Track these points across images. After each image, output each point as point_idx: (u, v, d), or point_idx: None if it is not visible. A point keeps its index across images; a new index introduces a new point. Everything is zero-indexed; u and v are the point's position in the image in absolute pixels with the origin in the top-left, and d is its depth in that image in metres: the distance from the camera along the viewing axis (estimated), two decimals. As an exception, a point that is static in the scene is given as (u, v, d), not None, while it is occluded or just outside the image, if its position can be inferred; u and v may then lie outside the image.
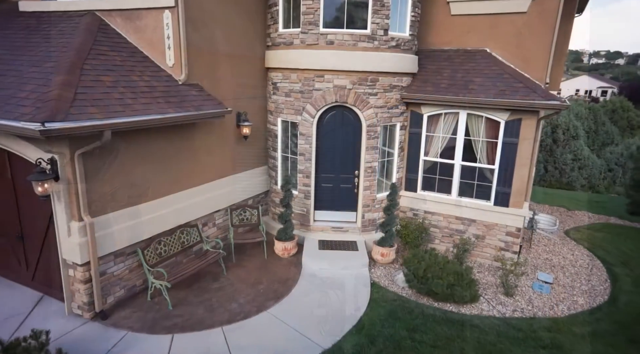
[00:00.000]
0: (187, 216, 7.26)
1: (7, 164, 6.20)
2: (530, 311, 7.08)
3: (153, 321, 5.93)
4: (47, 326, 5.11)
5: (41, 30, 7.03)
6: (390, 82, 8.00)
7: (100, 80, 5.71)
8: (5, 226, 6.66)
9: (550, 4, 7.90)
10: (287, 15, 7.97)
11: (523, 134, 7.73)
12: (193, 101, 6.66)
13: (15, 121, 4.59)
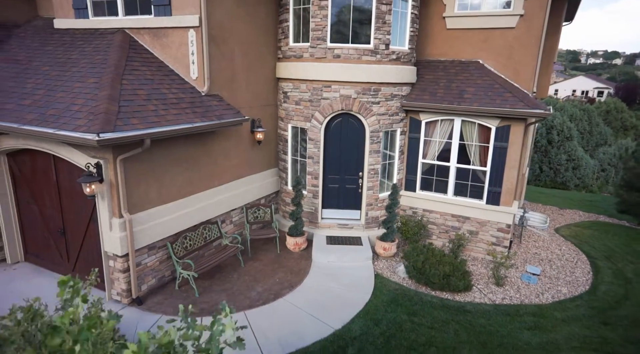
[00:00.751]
0: (209, 214, 8.03)
1: (53, 167, 6.97)
2: (518, 298, 7.87)
3: (190, 301, 6.71)
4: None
5: (77, 47, 7.80)
6: (392, 91, 8.79)
7: (137, 94, 6.49)
8: (49, 223, 7.43)
9: (536, 21, 8.70)
10: (297, 31, 8.75)
11: (512, 139, 8.52)
12: (215, 110, 7.44)
13: (74, 132, 5.36)
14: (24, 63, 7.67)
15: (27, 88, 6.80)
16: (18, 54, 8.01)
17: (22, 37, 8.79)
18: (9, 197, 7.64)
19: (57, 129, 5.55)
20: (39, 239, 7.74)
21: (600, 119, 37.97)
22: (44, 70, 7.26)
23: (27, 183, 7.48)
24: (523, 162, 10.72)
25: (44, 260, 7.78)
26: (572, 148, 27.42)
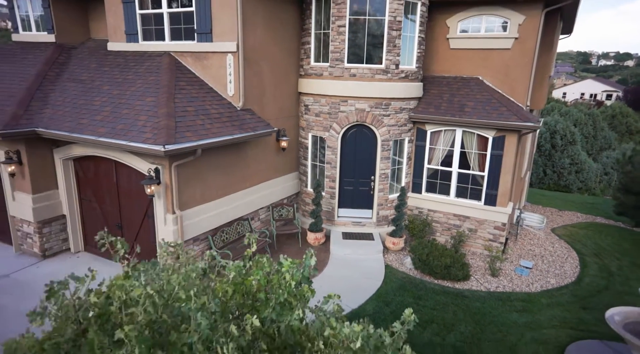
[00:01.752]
0: (241, 212, 9.29)
1: (114, 171, 8.29)
2: (510, 287, 9.01)
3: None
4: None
5: (131, 68, 9.12)
6: (401, 105, 9.99)
7: (187, 110, 7.77)
8: (108, 218, 8.75)
9: (529, 44, 9.84)
10: (318, 52, 10.00)
11: (507, 148, 9.67)
12: (249, 123, 8.70)
13: (143, 143, 6.64)
14: (87, 83, 9.00)
15: (96, 105, 8.12)
16: (81, 75, 9.35)
17: (80, 58, 10.15)
18: (74, 196, 8.98)
19: (128, 141, 6.84)
20: (98, 232, 9.04)
21: (605, 123, 38.72)
22: (106, 89, 8.58)
23: (90, 184, 8.81)
24: (520, 168, 11.84)
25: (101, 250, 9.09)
26: (575, 152, 28.25)
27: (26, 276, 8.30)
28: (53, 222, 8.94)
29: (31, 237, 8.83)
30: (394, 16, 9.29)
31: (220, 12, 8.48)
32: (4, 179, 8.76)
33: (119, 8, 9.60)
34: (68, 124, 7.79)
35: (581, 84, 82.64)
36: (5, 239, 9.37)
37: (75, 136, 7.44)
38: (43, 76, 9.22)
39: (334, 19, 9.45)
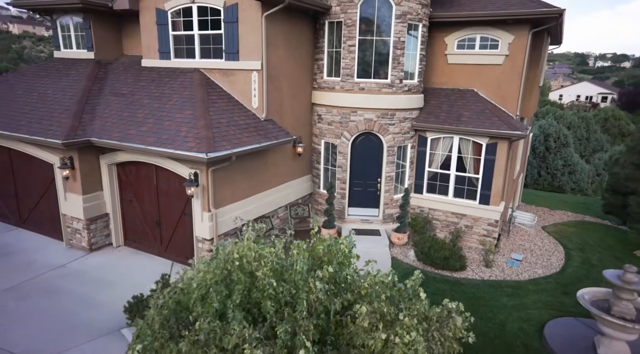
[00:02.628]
0: (263, 210, 10.48)
1: (154, 175, 9.48)
2: (501, 276, 10.22)
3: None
4: (196, 275, 8.35)
5: (165, 83, 10.32)
6: (404, 115, 11.21)
7: (220, 122, 8.97)
8: (147, 216, 9.94)
9: (518, 60, 11.07)
10: (330, 68, 11.21)
11: (499, 153, 10.88)
12: (272, 132, 9.90)
13: (189, 151, 7.84)
14: (128, 96, 10.20)
15: (139, 117, 9.32)
16: (121, 89, 10.55)
17: (117, 73, 11.35)
18: (116, 197, 10.17)
19: (175, 149, 8.05)
20: (137, 229, 10.25)
21: (598, 126, 40.00)
22: (146, 102, 9.78)
23: (131, 186, 10.00)
24: (512, 170, 13.05)
25: (140, 244, 10.29)
26: (568, 154, 29.43)
27: (79, 266, 9.49)
28: (98, 219, 10.13)
29: (80, 233, 10.01)
30: (398, 37, 10.51)
31: (246, 35, 9.69)
32: (57, 182, 9.95)
33: (153, 29, 10.81)
34: (117, 134, 8.99)
35: (577, 86, 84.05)
36: (56, 235, 10.55)
37: (126, 144, 8.64)
38: (88, 91, 10.41)
39: (344, 39, 10.67)
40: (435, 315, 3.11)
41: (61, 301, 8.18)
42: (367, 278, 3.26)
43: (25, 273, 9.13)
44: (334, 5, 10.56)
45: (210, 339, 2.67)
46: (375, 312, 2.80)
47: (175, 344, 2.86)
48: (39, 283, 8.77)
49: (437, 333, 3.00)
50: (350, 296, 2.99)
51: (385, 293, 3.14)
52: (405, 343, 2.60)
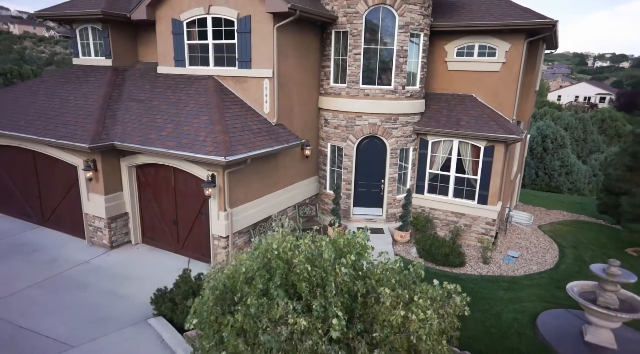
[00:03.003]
0: (273, 210, 11.09)
1: (172, 176, 10.09)
2: (498, 272, 10.84)
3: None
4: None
5: (181, 90, 10.93)
6: (406, 119, 11.83)
7: (235, 127, 9.58)
8: (164, 215, 10.55)
9: (514, 67, 11.69)
10: (336, 75, 11.83)
11: (496, 156, 11.50)
12: (282, 136, 10.52)
13: (208, 155, 8.45)
14: (146, 102, 10.81)
15: (159, 122, 9.93)
16: (139, 95, 11.15)
17: (134, 80, 11.96)
18: (135, 197, 10.78)
19: (194, 152, 8.66)
20: (155, 227, 10.86)
21: (595, 127, 40.61)
22: (164, 108, 10.39)
23: (149, 187, 10.61)
24: (509, 171, 13.66)
25: (157, 241, 10.90)
26: (565, 155, 30.03)
27: (101, 262, 10.10)
28: (118, 218, 10.74)
29: (101, 231, 10.62)
30: (401, 46, 11.13)
31: (258, 45, 10.31)
32: (81, 183, 10.55)
33: (169, 39, 11.42)
34: (139, 138, 9.60)
35: (576, 87, 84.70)
36: (77, 233, 11.16)
37: (148, 148, 9.25)
38: (109, 97, 11.02)
39: (350, 48, 11.29)
40: (438, 296, 3.72)
41: (88, 294, 8.79)
42: (380, 266, 3.87)
43: (52, 268, 9.74)
44: (341, 16, 11.17)
45: (259, 312, 3.27)
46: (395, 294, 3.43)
47: (231, 316, 3.46)
48: (66, 278, 9.38)
49: (442, 310, 3.62)
50: (371, 281, 3.61)
51: (395, 278, 3.76)
52: (421, 319, 3.23)
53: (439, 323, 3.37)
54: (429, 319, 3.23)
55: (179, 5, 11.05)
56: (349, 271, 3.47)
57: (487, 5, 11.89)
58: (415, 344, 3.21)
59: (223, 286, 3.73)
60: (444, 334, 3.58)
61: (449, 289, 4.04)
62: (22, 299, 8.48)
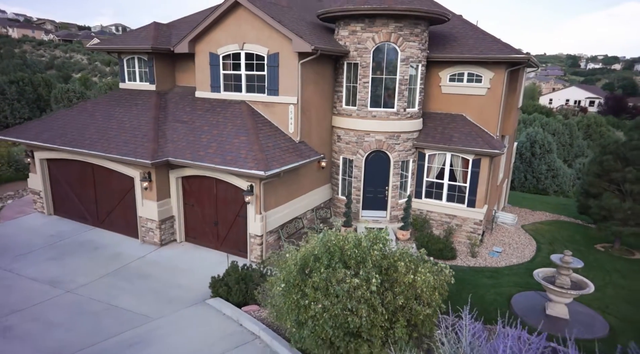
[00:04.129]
0: (296, 213, 13.22)
1: (214, 186, 12.21)
2: (484, 264, 13.04)
3: (291, 265, 11.87)
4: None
5: (219, 113, 13.05)
6: (407, 136, 14.02)
7: (268, 145, 11.72)
8: (206, 218, 12.67)
9: (498, 92, 13.90)
10: (348, 98, 13.99)
11: (482, 167, 13.70)
12: (305, 152, 12.67)
13: (251, 170, 10.58)
14: (189, 123, 12.93)
15: (204, 141, 12.05)
16: (182, 117, 13.27)
17: (175, 102, 14.08)
18: (180, 203, 12.89)
19: (239, 167, 10.79)
20: (197, 228, 12.97)
21: (581, 132, 43.02)
22: (206, 129, 12.51)
23: (193, 194, 12.72)
24: (495, 179, 15.87)
25: (199, 240, 13.01)
26: (552, 159, 32.28)
27: (154, 257, 12.21)
28: (167, 221, 12.85)
29: (152, 231, 12.72)
30: (402, 75, 13.32)
31: (285, 76, 12.46)
32: (136, 191, 12.65)
33: (206, 69, 13.55)
34: (189, 155, 11.72)
35: (566, 91, 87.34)
36: (129, 233, 13.25)
37: (199, 163, 11.38)
38: (157, 118, 13.14)
39: (360, 76, 13.46)
40: (434, 269, 5.87)
41: (151, 282, 10.90)
42: (397, 251, 6.02)
43: (116, 262, 11.84)
44: (352, 51, 13.35)
45: (329, 276, 5.38)
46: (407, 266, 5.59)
47: (310, 279, 5.57)
48: (130, 270, 11.49)
49: (435, 277, 5.76)
50: (391, 259, 5.75)
51: (407, 258, 5.89)
52: (422, 280, 5.39)
53: (434, 282, 5.52)
54: (427, 279, 5.37)
55: (217, 41, 13.19)
56: (379, 253, 5.58)
57: (474, 40, 14.10)
58: (420, 294, 5.34)
59: (301, 262, 5.83)
60: (436, 290, 5.72)
61: (441, 265, 6.19)
62: (102, 284, 10.59)
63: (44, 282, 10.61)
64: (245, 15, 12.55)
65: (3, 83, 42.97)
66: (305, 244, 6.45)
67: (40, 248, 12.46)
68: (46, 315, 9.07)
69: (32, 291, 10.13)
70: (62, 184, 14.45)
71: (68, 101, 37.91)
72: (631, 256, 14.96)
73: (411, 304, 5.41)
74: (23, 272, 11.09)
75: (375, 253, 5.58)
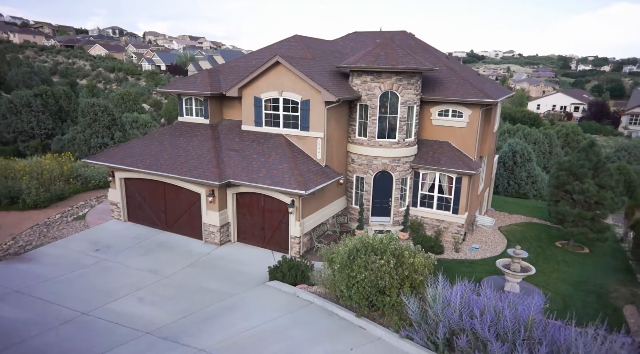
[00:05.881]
0: (322, 219, 17.34)
1: (262, 200, 16.33)
2: (464, 257, 17.25)
3: (318, 258, 15.99)
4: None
5: (262, 143, 17.17)
6: (406, 159, 18.21)
7: (304, 170, 15.83)
8: (255, 223, 16.78)
9: (475, 125, 18.11)
10: (360, 131, 18.15)
11: (463, 183, 17.91)
12: (330, 173, 16.81)
13: (295, 190, 14.69)
14: (240, 152, 17.02)
15: (255, 167, 16.15)
16: (234, 146, 17.37)
17: (225, 134, 18.17)
18: (234, 212, 16.98)
19: (286, 188, 14.90)
20: (247, 231, 17.06)
21: (560, 140, 47.49)
22: (255, 157, 16.61)
23: (245, 206, 16.82)
24: (475, 191, 20.08)
25: (248, 241, 17.11)
26: (531, 167, 36.54)
27: (217, 253, 16.30)
28: (224, 226, 16.93)
29: (214, 234, 16.80)
30: (402, 114, 17.51)
31: (314, 117, 16.60)
32: (202, 203, 16.71)
33: (251, 108, 17.67)
34: (246, 177, 15.81)
35: (553, 97, 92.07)
36: (194, 235, 17.31)
37: (255, 184, 15.46)
38: (215, 148, 17.23)
39: (369, 114, 17.63)
40: (425, 256, 10.04)
41: (221, 271, 14.97)
42: (404, 246, 10.18)
43: (191, 257, 15.91)
44: (363, 95, 17.52)
45: (366, 260, 9.46)
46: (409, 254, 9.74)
47: (354, 261, 9.68)
48: (202, 262, 15.56)
49: (426, 260, 9.93)
50: (400, 250, 9.89)
51: (409, 250, 10.04)
52: (418, 261, 9.53)
53: (425, 263, 9.70)
54: (421, 261, 9.52)
55: (260, 88, 17.30)
56: (393, 247, 9.69)
57: (456, 85, 18.31)
58: (417, 269, 9.47)
59: (349, 251, 9.91)
60: (426, 267, 9.89)
61: (430, 254, 10.36)
62: (187, 273, 14.66)
63: (145, 270, 14.67)
64: (284, 70, 16.67)
65: (29, 96, 46.59)
66: (347, 242, 10.60)
67: (130, 247, 16.52)
68: (161, 292, 13.16)
69: (141, 276, 14.19)
70: (136, 197, 18.50)
71: (94, 114, 41.51)
72: (580, 251, 19.25)
73: (412, 275, 9.52)
74: (127, 263, 15.14)
75: (391, 247, 9.66)
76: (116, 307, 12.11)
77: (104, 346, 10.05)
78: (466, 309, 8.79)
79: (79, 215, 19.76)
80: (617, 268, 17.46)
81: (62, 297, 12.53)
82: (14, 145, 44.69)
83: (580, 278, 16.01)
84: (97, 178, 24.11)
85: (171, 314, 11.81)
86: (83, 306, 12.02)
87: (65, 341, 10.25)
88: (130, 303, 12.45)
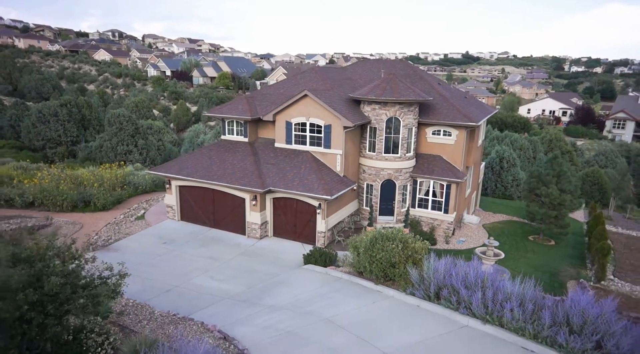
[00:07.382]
0: (340, 218, 21.82)
1: (295, 202, 20.81)
2: (453, 248, 21.80)
3: (340, 247, 20.48)
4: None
5: (293, 158, 21.66)
6: (406, 170, 22.75)
7: (327, 180, 20.32)
8: (289, 221, 21.26)
9: (461, 142, 22.67)
10: (369, 147, 22.68)
11: (452, 189, 22.46)
12: (347, 182, 21.32)
13: (322, 195, 19.17)
14: (276, 165, 21.49)
15: (289, 177, 20.62)
16: (269, 160, 21.83)
17: (262, 150, 22.65)
18: (271, 213, 21.45)
19: (315, 193, 19.39)
20: (282, 228, 21.51)
21: (544, 146, 52.17)
22: (288, 169, 21.08)
23: (280, 207, 21.30)
24: (463, 193, 24.63)
25: (283, 235, 21.57)
26: (516, 172, 41.08)
27: (259, 245, 20.77)
28: (263, 223, 21.40)
29: (255, 230, 21.26)
30: (403, 134, 22.05)
31: (334, 138, 21.10)
32: (246, 206, 21.16)
33: (283, 129, 22.18)
34: (283, 186, 20.28)
35: (542, 102, 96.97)
36: (238, 231, 21.75)
37: (291, 191, 19.93)
38: (256, 162, 21.70)
39: (377, 134, 22.16)
40: (423, 242, 14.55)
41: (265, 258, 19.41)
42: (407, 236, 14.67)
43: (239, 248, 20.36)
44: (372, 120, 22.06)
45: (382, 244, 14.00)
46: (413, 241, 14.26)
47: (375, 246, 14.12)
48: (250, 252, 20.01)
49: (423, 245, 14.43)
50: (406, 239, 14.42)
51: (411, 238, 14.53)
52: (419, 245, 14.06)
53: (422, 246, 14.23)
54: (420, 245, 14.04)
55: (291, 114, 21.79)
56: (403, 236, 14.17)
57: (446, 110, 22.87)
58: (417, 250, 13.96)
59: (369, 239, 14.39)
60: (423, 249, 14.41)
61: (425, 242, 14.88)
62: (240, 259, 19.11)
63: (207, 257, 19.11)
64: (310, 101, 21.17)
65: (56, 106, 50.71)
66: (367, 233, 15.12)
67: (189, 240, 20.96)
68: (225, 272, 17.62)
69: (205, 262, 18.63)
70: (188, 201, 22.94)
71: (119, 124, 45.63)
72: (548, 243, 23.85)
73: (414, 254, 14.07)
74: (190, 252, 19.58)
75: (399, 236, 14.17)
76: (197, 282, 16.58)
77: (202, 305, 14.51)
78: (447, 273, 13.34)
79: (139, 215, 24.16)
80: (574, 255, 22.11)
81: (155, 275, 16.98)
82: (42, 152, 48.93)
83: (541, 263, 20.61)
84: (143, 184, 28.48)
85: (238, 286, 16.28)
86: (174, 281, 16.48)
87: (171, 302, 14.68)
88: (205, 280, 16.91)
